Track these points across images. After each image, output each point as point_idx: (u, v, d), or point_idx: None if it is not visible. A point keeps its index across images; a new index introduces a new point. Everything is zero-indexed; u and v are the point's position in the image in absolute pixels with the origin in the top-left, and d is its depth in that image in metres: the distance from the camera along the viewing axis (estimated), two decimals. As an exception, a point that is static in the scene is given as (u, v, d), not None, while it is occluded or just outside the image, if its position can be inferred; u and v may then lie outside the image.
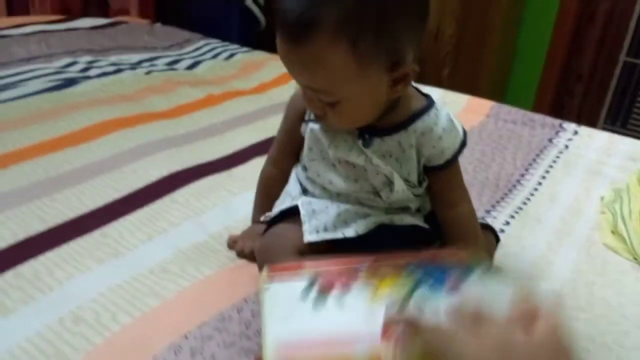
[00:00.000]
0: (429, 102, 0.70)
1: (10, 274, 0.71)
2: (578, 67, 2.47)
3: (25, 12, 1.93)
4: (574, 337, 0.41)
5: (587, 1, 2.34)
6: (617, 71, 2.31)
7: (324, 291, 0.56)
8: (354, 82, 0.60)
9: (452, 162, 0.72)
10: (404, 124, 0.68)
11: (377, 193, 0.72)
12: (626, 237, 0.89)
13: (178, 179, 0.98)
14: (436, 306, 0.50)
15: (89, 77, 1.41)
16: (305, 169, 0.75)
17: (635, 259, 0.87)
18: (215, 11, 2.25)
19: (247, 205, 0.84)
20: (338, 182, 0.72)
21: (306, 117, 0.72)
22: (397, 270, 0.59)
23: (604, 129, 2.39)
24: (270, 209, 0.77)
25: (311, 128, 0.71)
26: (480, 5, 2.08)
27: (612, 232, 0.93)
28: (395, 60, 0.61)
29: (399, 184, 0.70)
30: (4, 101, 1.22)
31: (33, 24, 1.74)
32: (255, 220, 0.82)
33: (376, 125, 0.68)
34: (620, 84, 2.33)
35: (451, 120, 0.71)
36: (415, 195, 0.74)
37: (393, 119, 0.68)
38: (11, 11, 1.89)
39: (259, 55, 1.80)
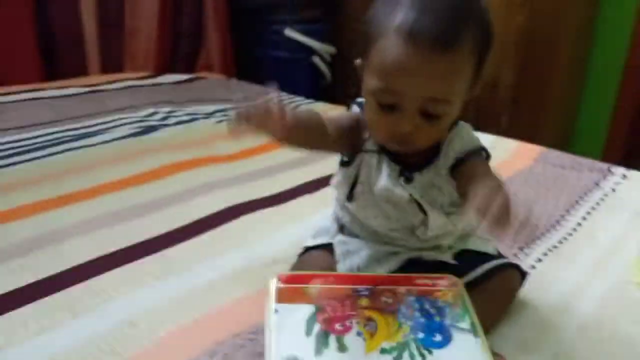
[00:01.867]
0: (455, 122, 0.74)
1: (81, 286, 0.84)
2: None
3: (120, 70, 2.20)
4: None
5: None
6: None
7: (326, 327, 0.63)
8: (462, 96, 0.67)
9: (474, 154, 0.72)
10: (436, 154, 0.73)
11: (413, 232, 0.77)
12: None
13: (232, 212, 1.10)
14: None
15: (167, 125, 1.59)
16: (349, 200, 0.77)
17: (666, 298, 0.87)
18: (287, 68, 2.43)
19: (291, 237, 0.93)
20: (380, 218, 0.76)
21: (364, 148, 0.75)
22: (391, 316, 0.65)
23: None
24: (306, 121, 0.71)
25: (366, 161, 0.75)
26: (541, 55, 2.11)
27: (646, 273, 0.93)
28: (477, 81, 0.69)
29: (434, 219, 0.74)
30: (95, 145, 1.42)
31: (124, 80, 1.99)
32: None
33: (413, 162, 0.73)
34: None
35: (471, 132, 0.75)
36: (453, 231, 0.78)
37: (427, 151, 0.72)
38: (106, 70, 2.16)
39: (321, 106, 1.93)
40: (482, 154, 0.74)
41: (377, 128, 0.70)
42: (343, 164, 0.78)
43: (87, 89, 1.89)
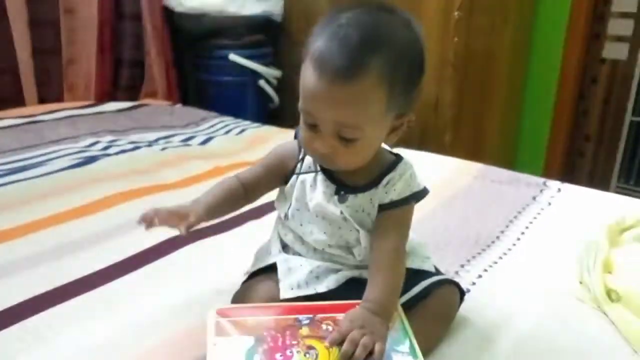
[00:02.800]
0: (398, 158, 0.79)
1: (17, 327, 0.81)
2: (586, 127, 2.53)
3: (59, 100, 2.14)
4: None
5: (588, 64, 2.44)
6: (625, 130, 2.37)
7: (267, 358, 0.63)
8: (377, 123, 0.71)
9: (396, 205, 0.76)
10: (375, 181, 0.76)
11: (350, 250, 0.79)
12: (590, 287, 0.93)
13: (175, 242, 1.08)
14: None
15: (108, 155, 1.56)
16: (287, 218, 0.81)
17: (599, 307, 0.91)
18: (234, 92, 2.43)
19: (236, 265, 0.91)
20: (317, 234, 0.78)
21: (297, 170, 0.80)
22: (330, 345, 0.66)
23: (618, 187, 2.42)
24: (218, 203, 0.80)
25: (302, 180, 0.79)
26: (479, 72, 2.19)
27: (580, 282, 0.97)
28: (403, 110, 0.72)
29: (365, 242, 0.77)
30: (31, 178, 1.37)
31: (64, 110, 1.94)
32: (195, 201, 0.79)
33: (350, 183, 0.77)
34: (629, 143, 2.38)
35: (414, 175, 0.79)
36: None
37: (366, 177, 0.77)
38: (44, 100, 2.10)
39: (268, 129, 1.94)
40: (412, 202, 0.78)
41: (305, 144, 0.75)
42: (283, 183, 0.82)
43: (24, 120, 1.83)
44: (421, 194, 0.80)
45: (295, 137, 0.83)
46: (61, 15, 2.13)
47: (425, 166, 0.91)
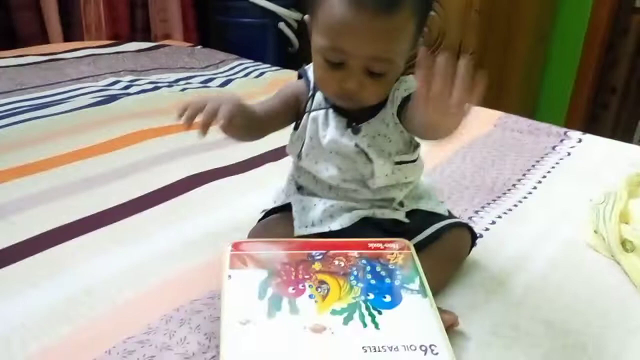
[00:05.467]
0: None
1: (41, 255, 0.84)
2: (612, 80, 2.47)
3: (80, 39, 2.14)
4: None
5: (620, 14, 2.35)
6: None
7: (279, 291, 0.65)
8: (405, 55, 0.71)
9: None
10: (382, 102, 0.76)
11: (364, 183, 0.80)
12: (605, 237, 0.93)
13: (195, 180, 1.10)
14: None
15: (129, 94, 1.57)
16: (300, 158, 0.81)
17: (613, 256, 0.91)
18: (252, 35, 2.40)
19: (253, 205, 0.93)
20: (332, 170, 0.79)
21: (307, 108, 0.80)
22: (343, 278, 0.67)
23: (640, 142, 2.38)
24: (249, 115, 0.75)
25: (313, 117, 0.79)
26: (504, 19, 2.13)
27: (595, 231, 0.97)
28: (417, 42, 0.72)
29: (380, 168, 0.77)
30: (55, 114, 1.39)
31: (85, 48, 1.94)
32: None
33: (360, 113, 0.76)
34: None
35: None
36: (403, 183, 0.81)
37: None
38: (68, 38, 2.11)
39: (287, 73, 1.92)
40: None
41: (325, 85, 0.74)
42: (295, 127, 0.82)
43: (46, 58, 1.85)
44: None
45: (299, 77, 0.83)
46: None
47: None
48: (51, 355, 0.65)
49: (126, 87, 1.62)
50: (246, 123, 0.73)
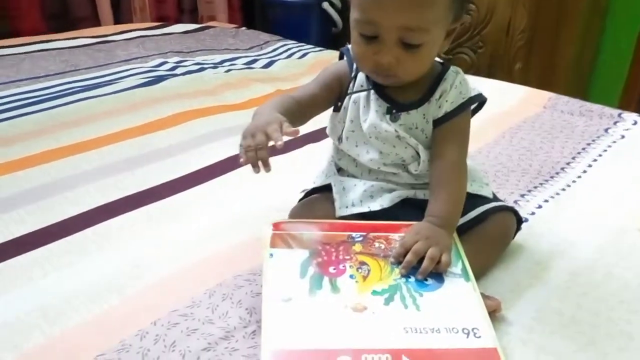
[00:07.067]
0: (445, 67, 0.78)
1: (88, 231, 0.88)
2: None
3: (129, 20, 2.19)
4: None
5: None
6: None
7: (320, 270, 0.65)
8: (441, 24, 0.70)
9: (452, 115, 0.76)
10: (427, 96, 0.76)
11: (405, 167, 0.79)
12: (658, 222, 0.89)
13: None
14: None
15: (175, 75, 1.60)
16: (341, 141, 0.81)
17: (665, 243, 0.87)
18: (296, 15, 2.39)
19: (295, 185, 0.93)
20: (372, 153, 0.78)
21: (349, 90, 0.79)
22: (384, 260, 0.67)
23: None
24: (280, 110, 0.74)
25: (354, 100, 0.79)
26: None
27: (648, 218, 0.93)
28: (458, 12, 0.72)
29: (425, 156, 0.77)
30: (105, 95, 1.43)
31: (134, 30, 1.99)
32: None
33: (402, 101, 0.76)
34: None
35: (464, 81, 0.77)
36: None
37: (417, 92, 0.76)
38: (117, 20, 2.16)
39: (330, 54, 1.91)
40: (467, 109, 0.77)
41: (361, 60, 0.74)
42: (335, 109, 0.82)
43: (97, 40, 1.90)
44: (476, 98, 0.78)
45: (340, 57, 0.83)
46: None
47: (492, 94, 0.88)
48: (101, 323, 0.68)
49: (172, 69, 1.65)
50: (290, 119, 0.72)
